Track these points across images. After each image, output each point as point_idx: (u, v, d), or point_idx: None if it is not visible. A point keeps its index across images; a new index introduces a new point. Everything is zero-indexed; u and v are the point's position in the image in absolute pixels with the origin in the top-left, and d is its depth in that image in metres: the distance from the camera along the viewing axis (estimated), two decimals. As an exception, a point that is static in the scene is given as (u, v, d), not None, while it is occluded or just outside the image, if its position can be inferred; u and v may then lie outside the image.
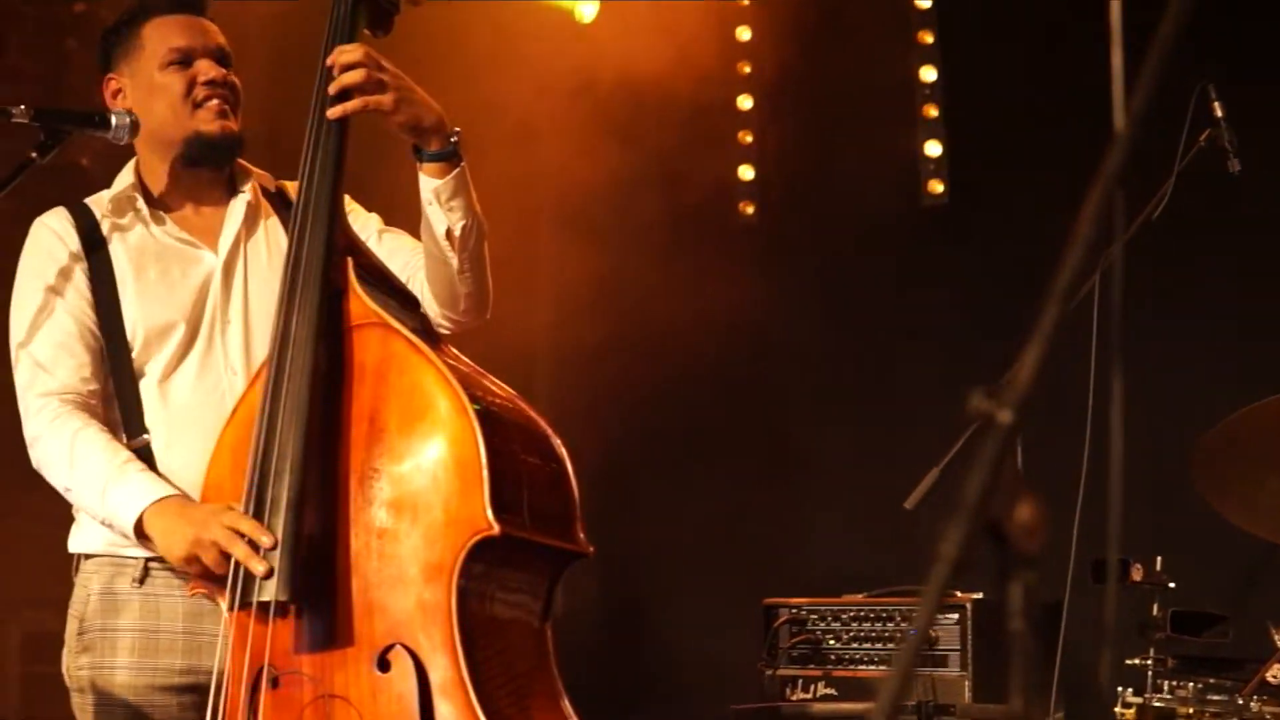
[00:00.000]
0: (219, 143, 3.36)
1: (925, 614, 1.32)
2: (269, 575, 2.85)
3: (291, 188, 3.38)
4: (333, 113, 3.10)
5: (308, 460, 2.88)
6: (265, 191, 3.48)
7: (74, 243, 3.34)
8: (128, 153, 3.59)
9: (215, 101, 3.36)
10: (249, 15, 5.77)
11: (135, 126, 3.38)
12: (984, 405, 1.46)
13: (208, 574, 2.96)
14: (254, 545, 2.87)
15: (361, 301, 2.97)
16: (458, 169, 3.19)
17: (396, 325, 2.93)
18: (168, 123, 3.38)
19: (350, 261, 3.01)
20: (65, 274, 3.32)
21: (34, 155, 3.35)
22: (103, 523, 3.20)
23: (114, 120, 3.37)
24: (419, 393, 2.86)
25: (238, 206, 3.43)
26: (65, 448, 3.19)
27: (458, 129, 3.20)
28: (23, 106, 3.37)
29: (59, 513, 6.66)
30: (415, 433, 2.85)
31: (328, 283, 2.99)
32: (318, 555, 2.87)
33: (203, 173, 3.42)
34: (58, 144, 3.38)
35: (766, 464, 6.35)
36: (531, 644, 2.93)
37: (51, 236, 3.36)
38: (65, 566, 6.86)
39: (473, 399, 2.84)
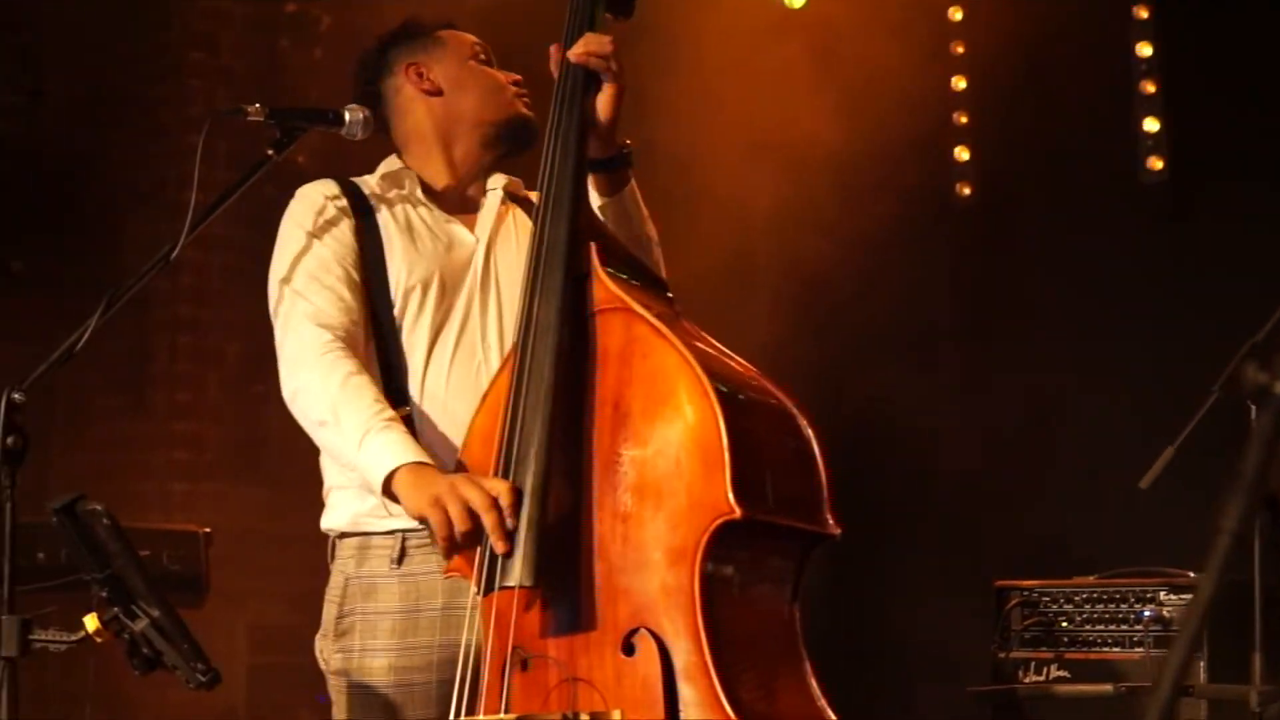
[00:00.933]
0: (531, 126, 3.48)
1: (1208, 589, 1.30)
2: (509, 554, 2.88)
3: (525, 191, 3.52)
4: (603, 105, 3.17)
5: (551, 446, 2.90)
6: (508, 190, 3.56)
7: (341, 204, 3.42)
8: (346, 150, 3.66)
9: (524, 97, 3.54)
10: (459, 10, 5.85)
11: (369, 123, 3.45)
12: (1260, 378, 1.43)
13: (453, 548, 2.97)
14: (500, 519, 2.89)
15: (605, 286, 2.98)
16: (629, 182, 3.30)
17: (640, 309, 2.94)
18: (483, 104, 3.50)
19: (594, 246, 3.03)
20: (331, 224, 3.38)
21: (270, 153, 3.43)
22: (347, 465, 3.21)
23: (348, 116, 3.44)
24: (662, 377, 2.87)
25: (494, 195, 3.51)
26: (337, 384, 3.17)
27: (629, 141, 3.29)
28: (257, 105, 3.44)
29: (281, 504, 6.83)
30: (658, 417, 2.86)
31: (572, 267, 3.01)
32: (563, 540, 2.89)
33: (488, 157, 3.53)
34: (293, 141, 3.45)
35: (994, 445, 6.29)
36: (778, 627, 2.92)
37: (318, 198, 3.43)
38: (289, 560, 7.01)
39: (715, 381, 2.83)
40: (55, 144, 7.09)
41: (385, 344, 3.33)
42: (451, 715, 2.94)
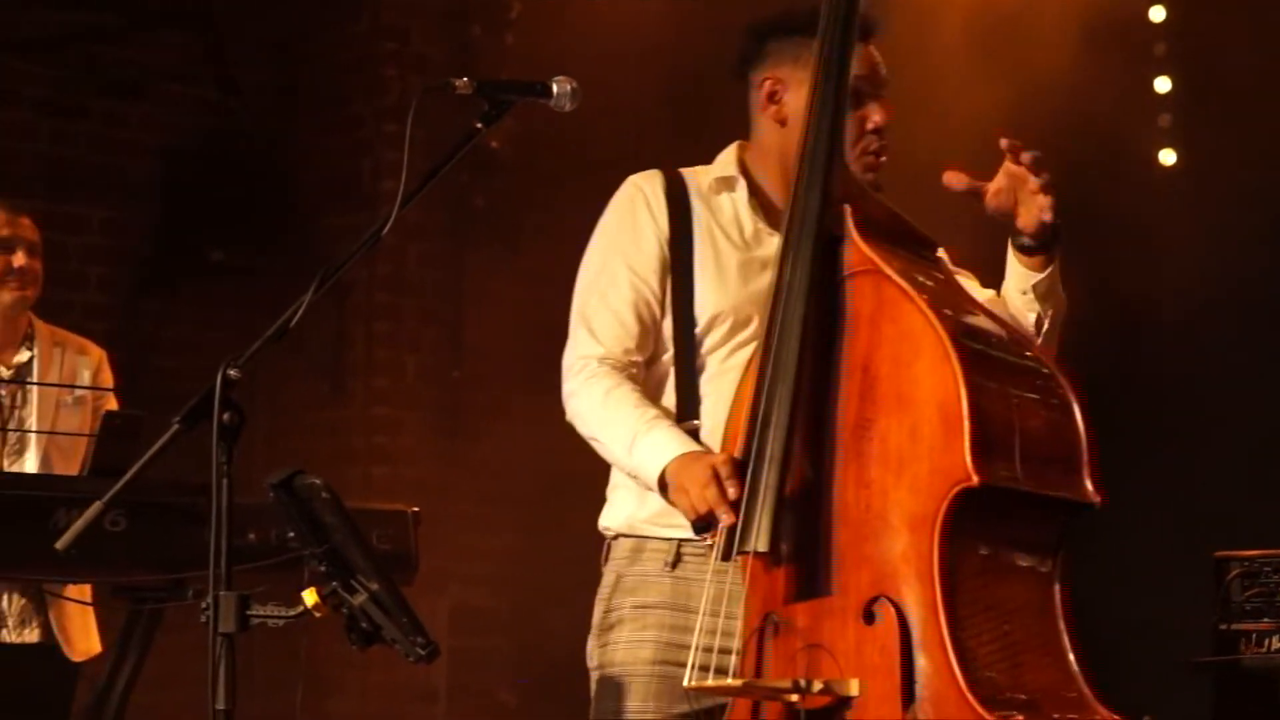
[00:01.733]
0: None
1: None
2: (748, 520, 2.85)
3: None
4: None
5: (795, 413, 2.86)
6: None
7: (660, 209, 3.33)
8: (543, 136, 3.61)
9: (872, 156, 3.30)
10: None
11: (577, 94, 3.39)
12: None
13: (702, 525, 2.98)
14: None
15: (859, 248, 2.92)
16: (1054, 263, 3.19)
17: (890, 272, 2.87)
18: None
19: (849, 209, 2.96)
20: (641, 239, 3.32)
21: (479, 125, 3.39)
22: (629, 474, 3.22)
23: (556, 89, 3.38)
24: (908, 340, 2.80)
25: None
26: (598, 401, 3.22)
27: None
28: (465, 79, 3.40)
29: (480, 488, 6.84)
30: (903, 381, 2.80)
31: (823, 232, 2.95)
32: (806, 506, 2.85)
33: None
34: (501, 115, 3.41)
35: (1213, 416, 6.15)
36: (1030, 601, 2.82)
37: (639, 198, 3.36)
38: (489, 544, 7.02)
39: (962, 343, 2.76)
40: (250, 138, 7.17)
41: (683, 359, 3.29)
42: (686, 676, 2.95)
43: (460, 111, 3.38)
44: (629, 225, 3.33)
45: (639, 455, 3.13)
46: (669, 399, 3.27)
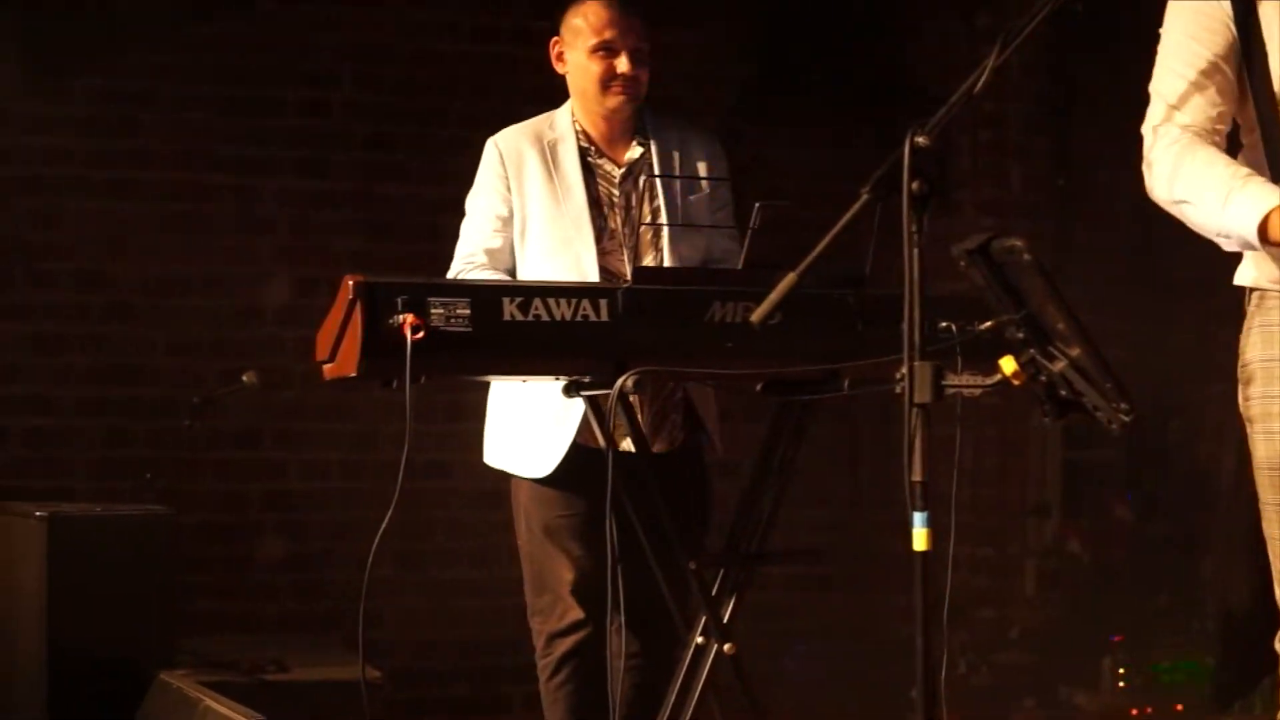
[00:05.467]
0: None
1: None
2: None
3: None
4: None
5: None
6: None
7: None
8: None
9: None
10: None
11: None
12: None
13: None
14: None
15: None
16: None
17: None
18: None
19: None
20: (1209, 18, 3.28)
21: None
22: (1218, 235, 3.18)
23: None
24: None
25: None
26: (1175, 163, 3.22)
27: None
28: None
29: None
30: None
31: None
32: None
33: None
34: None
35: None
36: None
37: None
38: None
39: None
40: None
41: (1269, 131, 3.22)
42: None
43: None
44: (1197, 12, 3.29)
45: (1233, 209, 3.11)
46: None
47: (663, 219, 4.45)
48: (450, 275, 4.43)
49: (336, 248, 6.53)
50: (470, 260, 4.41)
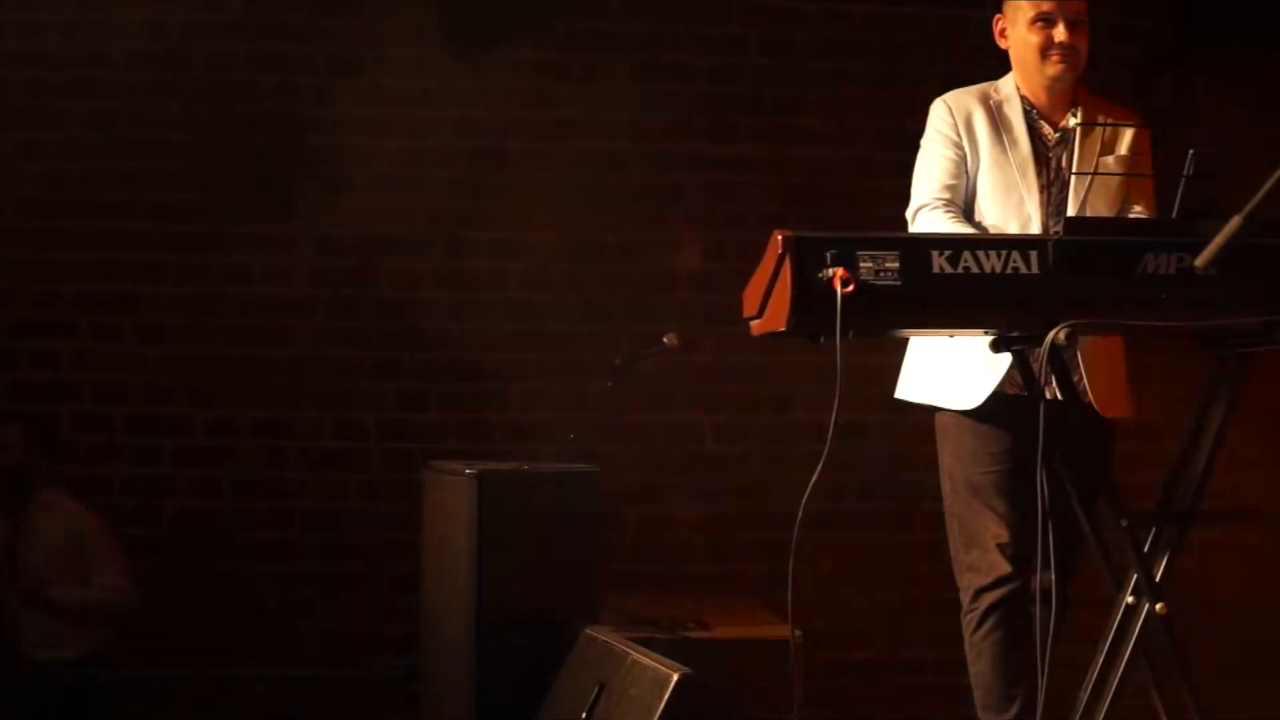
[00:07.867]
0: None
1: None
2: None
3: None
4: None
5: None
6: None
7: None
8: None
9: None
10: None
11: None
12: None
13: None
14: None
15: None
16: None
17: None
18: None
19: None
20: None
21: None
22: None
23: None
24: None
25: None
26: None
27: None
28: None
29: None
30: None
31: None
32: None
33: None
34: None
35: None
36: None
37: None
38: None
39: None
40: None
41: None
42: None
43: None
44: None
45: None
46: None
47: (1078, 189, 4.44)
48: (912, 209, 4.51)
49: (746, 212, 6.57)
50: (934, 195, 4.49)
